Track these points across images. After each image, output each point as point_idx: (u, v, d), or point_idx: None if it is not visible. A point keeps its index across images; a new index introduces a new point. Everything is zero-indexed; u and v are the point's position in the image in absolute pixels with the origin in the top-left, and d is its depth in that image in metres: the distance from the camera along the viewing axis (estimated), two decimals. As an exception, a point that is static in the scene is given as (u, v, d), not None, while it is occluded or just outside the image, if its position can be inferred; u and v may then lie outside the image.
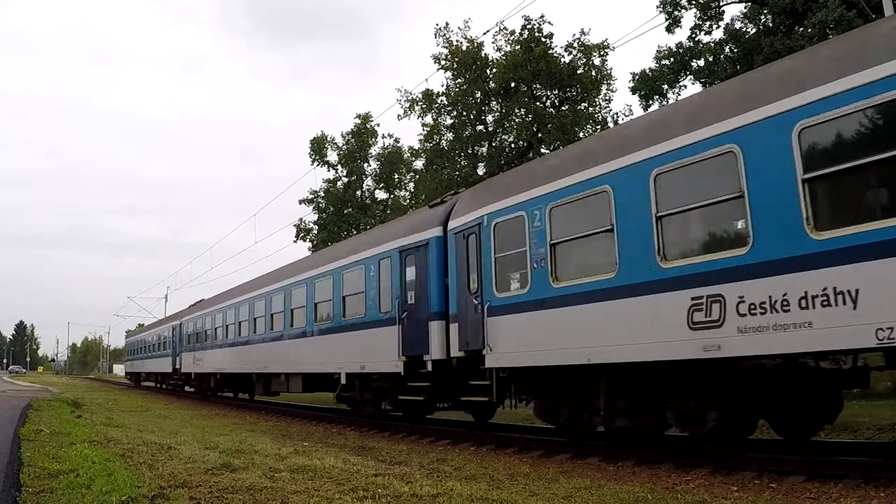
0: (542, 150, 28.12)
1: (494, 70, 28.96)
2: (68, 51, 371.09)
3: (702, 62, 25.97)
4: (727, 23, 25.43)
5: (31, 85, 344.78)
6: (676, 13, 25.17)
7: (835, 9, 18.38)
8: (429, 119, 31.55)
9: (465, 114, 30.21)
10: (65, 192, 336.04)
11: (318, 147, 41.33)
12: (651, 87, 26.26)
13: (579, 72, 28.22)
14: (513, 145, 30.23)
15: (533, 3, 34.19)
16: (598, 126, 28.44)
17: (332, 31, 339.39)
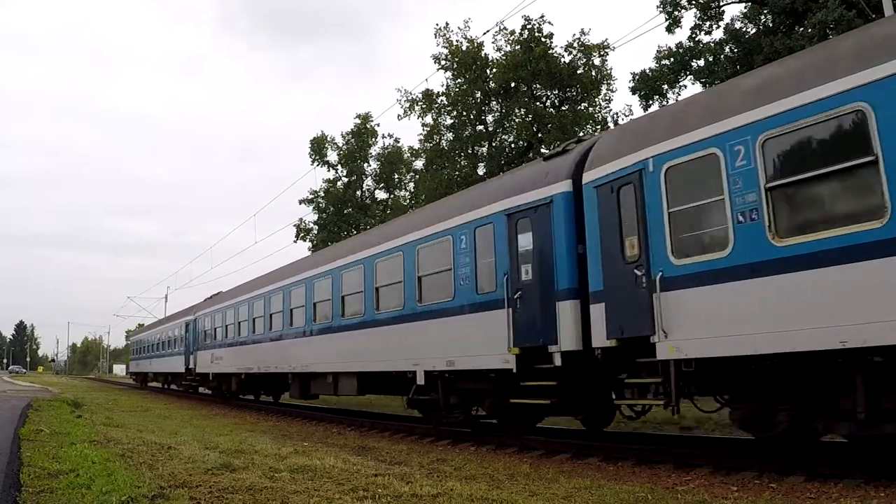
0: (541, 150, 28.13)
1: (494, 70, 28.98)
2: (68, 51, 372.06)
3: (702, 62, 25.93)
4: (727, 23, 25.43)
5: (31, 85, 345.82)
6: (676, 13, 25.16)
7: (835, 9, 18.38)
8: (429, 119, 31.61)
9: (465, 114, 30.22)
10: (65, 192, 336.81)
11: (318, 147, 41.38)
12: (651, 87, 26.23)
13: (579, 72, 28.24)
14: (513, 145, 30.25)
15: (533, 3, 34.21)
16: (598, 126, 28.44)
17: (332, 31, 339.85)
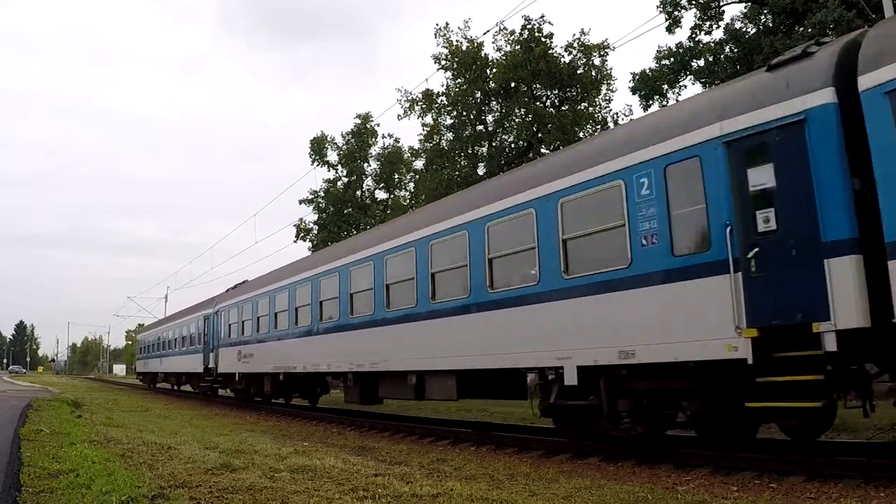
0: (542, 150, 28.14)
1: (494, 70, 28.98)
2: (68, 51, 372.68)
3: (702, 62, 25.95)
4: (727, 23, 25.45)
5: (31, 85, 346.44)
6: (676, 13, 25.19)
7: (834, 9, 18.40)
8: (429, 119, 31.64)
9: (465, 114, 30.23)
10: (65, 192, 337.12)
11: (318, 147, 41.41)
12: (651, 87, 26.25)
13: (579, 72, 28.25)
14: (513, 145, 30.25)
15: (533, 3, 34.21)
16: (598, 126, 28.48)
17: (332, 31, 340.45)
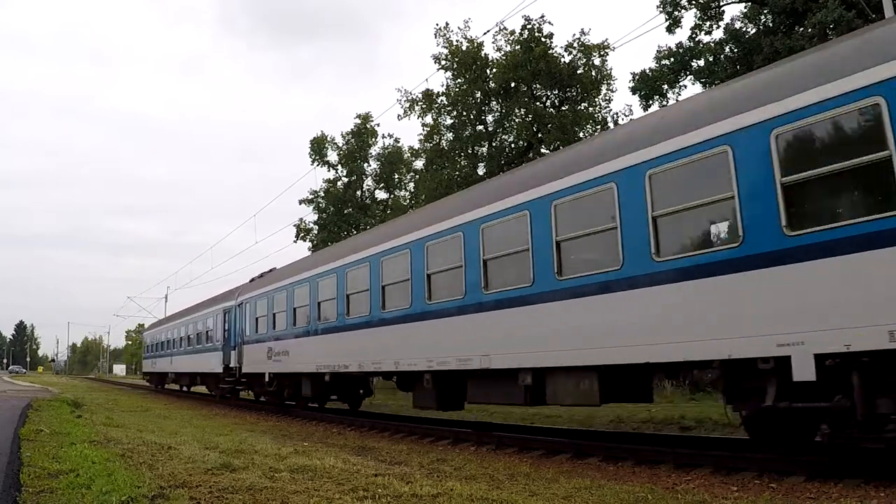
0: (542, 150, 28.14)
1: (494, 70, 28.99)
2: (68, 51, 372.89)
3: (702, 62, 25.96)
4: (727, 23, 25.46)
5: (31, 85, 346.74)
6: (676, 13, 25.20)
7: (834, 9, 18.39)
8: (429, 119, 31.65)
9: (465, 114, 30.24)
10: (65, 192, 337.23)
11: (318, 147, 41.40)
12: (651, 87, 26.25)
13: (579, 72, 28.25)
14: (513, 145, 30.25)
15: (533, 3, 34.20)
16: (599, 126, 28.47)
17: (332, 31, 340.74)
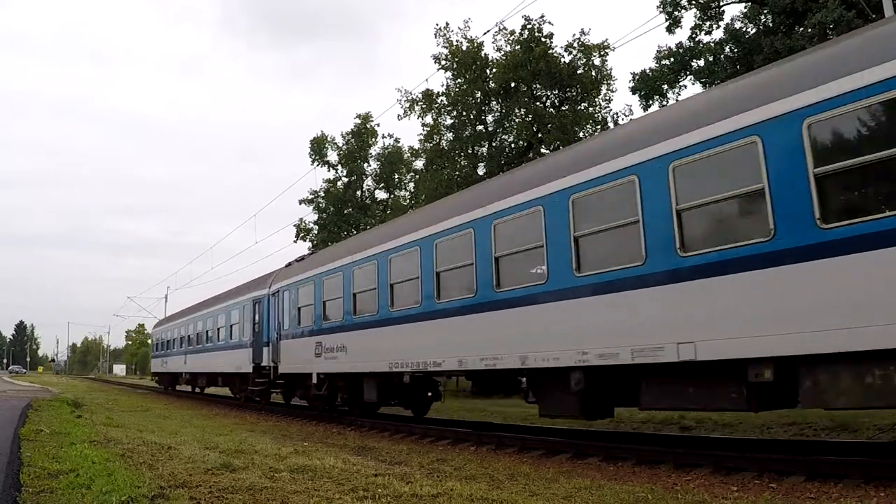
0: (542, 150, 28.14)
1: (494, 70, 28.98)
2: (68, 51, 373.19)
3: (702, 62, 25.96)
4: (727, 23, 25.47)
5: (31, 85, 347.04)
6: (676, 13, 25.20)
7: (834, 9, 18.38)
8: (429, 119, 31.64)
9: (465, 114, 30.23)
10: (65, 192, 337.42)
11: (318, 147, 41.40)
12: (651, 87, 26.25)
13: (579, 72, 28.25)
14: (513, 145, 30.25)
15: (533, 3, 34.20)
16: (599, 126, 28.47)
17: (332, 31, 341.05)
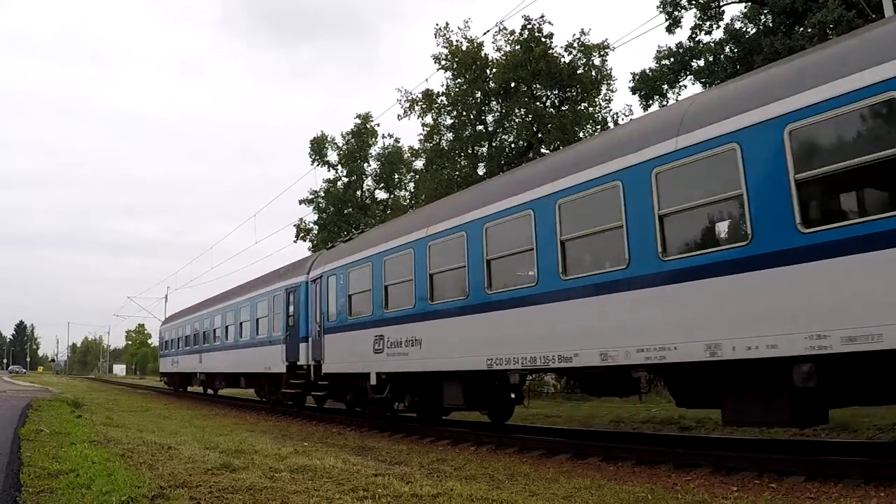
0: (542, 150, 28.13)
1: (494, 70, 28.97)
2: (68, 51, 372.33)
3: (702, 62, 25.93)
4: (727, 23, 25.44)
5: (31, 85, 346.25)
6: (676, 13, 25.17)
7: (834, 9, 18.37)
8: (429, 119, 31.61)
9: (465, 114, 30.22)
10: (65, 192, 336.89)
11: (318, 147, 41.38)
12: (651, 87, 26.23)
13: (579, 72, 28.23)
14: (513, 145, 30.24)
15: (533, 3, 34.19)
16: (599, 126, 28.47)
17: (332, 31, 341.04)
